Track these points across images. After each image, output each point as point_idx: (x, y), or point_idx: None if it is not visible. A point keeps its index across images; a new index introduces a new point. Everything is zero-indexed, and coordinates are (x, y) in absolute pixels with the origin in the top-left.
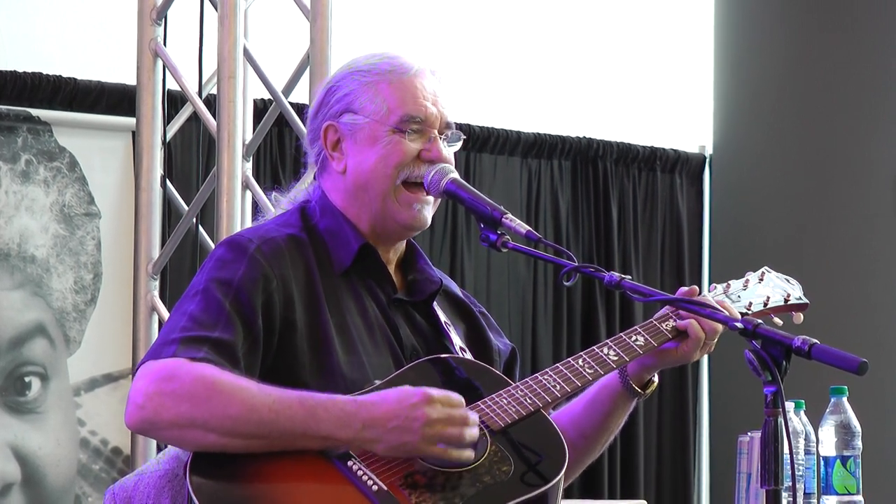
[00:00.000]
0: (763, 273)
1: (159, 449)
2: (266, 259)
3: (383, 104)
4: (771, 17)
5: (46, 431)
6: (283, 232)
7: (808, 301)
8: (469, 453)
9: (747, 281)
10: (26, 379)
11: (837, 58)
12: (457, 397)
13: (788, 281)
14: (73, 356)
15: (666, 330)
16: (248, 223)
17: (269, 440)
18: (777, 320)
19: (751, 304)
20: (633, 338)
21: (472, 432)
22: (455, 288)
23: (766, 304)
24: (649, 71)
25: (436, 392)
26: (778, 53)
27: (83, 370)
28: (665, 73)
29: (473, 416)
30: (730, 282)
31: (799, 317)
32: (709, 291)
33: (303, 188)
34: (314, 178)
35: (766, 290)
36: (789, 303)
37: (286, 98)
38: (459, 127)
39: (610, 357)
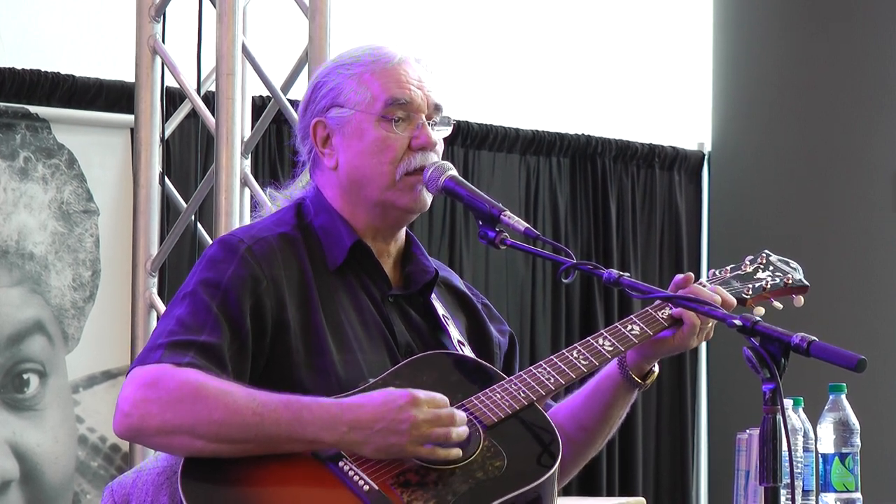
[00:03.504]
0: (763, 256)
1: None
2: (256, 259)
3: (367, 93)
4: (769, 14)
5: (45, 428)
6: (275, 231)
7: (808, 284)
8: (457, 451)
9: (746, 265)
10: (25, 376)
11: (836, 55)
12: (441, 397)
13: (789, 264)
14: (72, 353)
15: (661, 318)
16: (247, 220)
17: (255, 444)
18: (777, 304)
19: (750, 287)
20: (629, 327)
21: (460, 431)
22: (457, 280)
23: (765, 288)
24: (648, 68)
25: (421, 393)
26: (776, 51)
27: (82, 367)
28: (664, 71)
29: (461, 415)
30: (728, 266)
31: (799, 300)
32: (707, 278)
33: (300, 185)
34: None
35: (765, 273)
36: (789, 286)
37: (285, 95)
38: (458, 124)
39: (605, 347)
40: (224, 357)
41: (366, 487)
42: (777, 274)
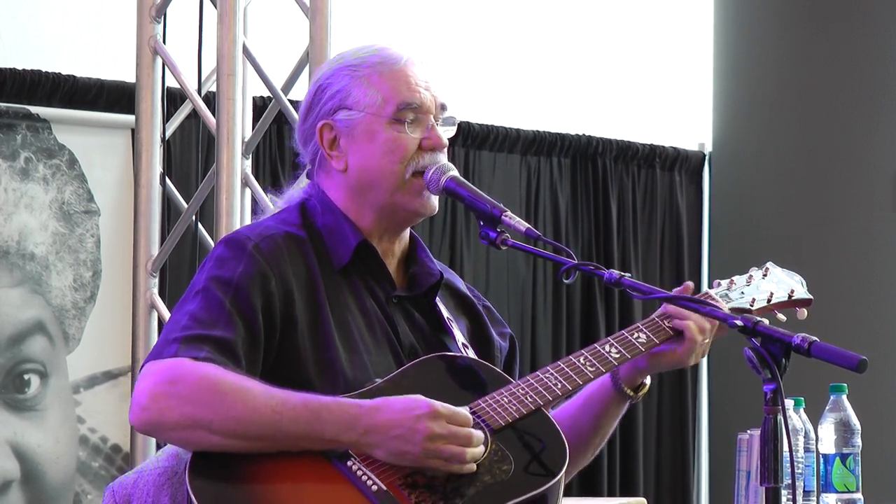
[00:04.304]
0: (767, 268)
1: (159, 446)
2: (264, 257)
3: (377, 96)
4: (770, 14)
5: (46, 429)
6: (281, 229)
7: (812, 297)
8: (470, 468)
9: (751, 277)
10: (25, 376)
11: (836, 55)
12: (463, 416)
13: (793, 276)
14: (73, 353)
15: (668, 327)
16: (248, 221)
17: (272, 441)
18: (780, 316)
19: (754, 300)
20: (635, 335)
21: (475, 452)
22: (459, 283)
23: (769, 300)
24: (649, 68)
25: (442, 407)
26: (777, 51)
27: (82, 367)
28: (665, 71)
29: (478, 435)
30: (733, 277)
31: (803, 313)
32: (710, 287)
33: (299, 188)
34: (307, 176)
35: (769, 285)
36: (793, 298)
37: (285, 95)
38: (459, 124)
39: (612, 355)
40: (239, 353)
41: (374, 487)
42: (781, 286)
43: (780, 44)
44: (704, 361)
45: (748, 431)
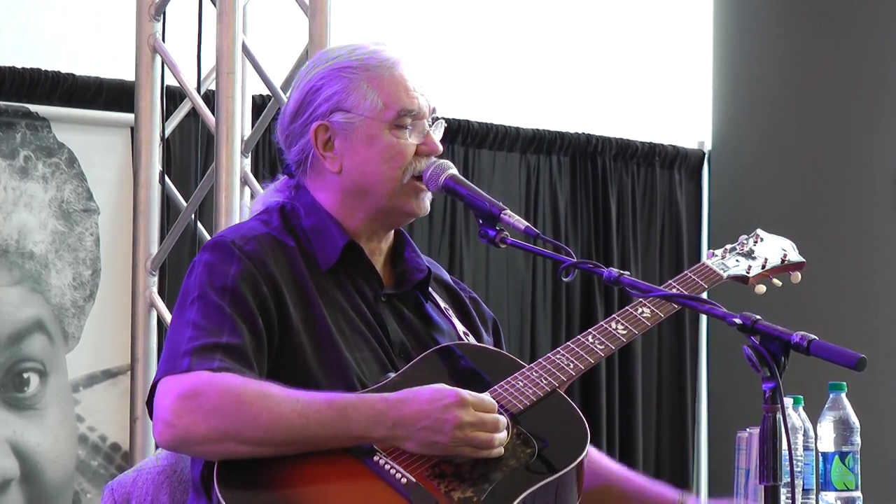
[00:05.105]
0: (757, 235)
1: (157, 445)
2: (250, 258)
3: (377, 100)
4: (770, 13)
5: (45, 427)
6: (263, 230)
7: (804, 259)
8: (499, 452)
9: (743, 244)
10: (25, 375)
11: (836, 53)
12: (489, 402)
13: (783, 241)
14: (72, 352)
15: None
16: (247, 219)
17: (300, 445)
18: (776, 282)
19: (750, 266)
20: (640, 310)
21: (501, 437)
22: (444, 275)
23: (764, 266)
24: (648, 67)
25: (469, 395)
26: (777, 49)
27: (82, 366)
28: (664, 70)
29: (503, 421)
30: (726, 246)
31: (797, 276)
32: (707, 258)
33: (272, 189)
34: (285, 174)
35: (762, 251)
36: (787, 262)
37: (285, 94)
38: (459, 123)
39: (619, 331)
40: (250, 357)
41: (403, 480)
42: (774, 251)
43: (780, 42)
44: (704, 359)
45: (747, 430)
